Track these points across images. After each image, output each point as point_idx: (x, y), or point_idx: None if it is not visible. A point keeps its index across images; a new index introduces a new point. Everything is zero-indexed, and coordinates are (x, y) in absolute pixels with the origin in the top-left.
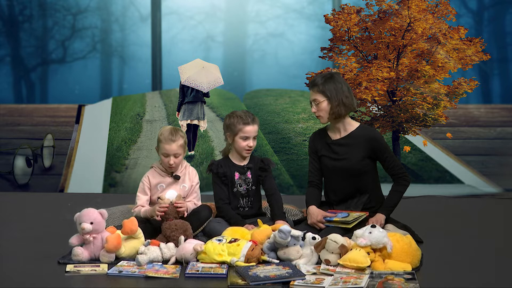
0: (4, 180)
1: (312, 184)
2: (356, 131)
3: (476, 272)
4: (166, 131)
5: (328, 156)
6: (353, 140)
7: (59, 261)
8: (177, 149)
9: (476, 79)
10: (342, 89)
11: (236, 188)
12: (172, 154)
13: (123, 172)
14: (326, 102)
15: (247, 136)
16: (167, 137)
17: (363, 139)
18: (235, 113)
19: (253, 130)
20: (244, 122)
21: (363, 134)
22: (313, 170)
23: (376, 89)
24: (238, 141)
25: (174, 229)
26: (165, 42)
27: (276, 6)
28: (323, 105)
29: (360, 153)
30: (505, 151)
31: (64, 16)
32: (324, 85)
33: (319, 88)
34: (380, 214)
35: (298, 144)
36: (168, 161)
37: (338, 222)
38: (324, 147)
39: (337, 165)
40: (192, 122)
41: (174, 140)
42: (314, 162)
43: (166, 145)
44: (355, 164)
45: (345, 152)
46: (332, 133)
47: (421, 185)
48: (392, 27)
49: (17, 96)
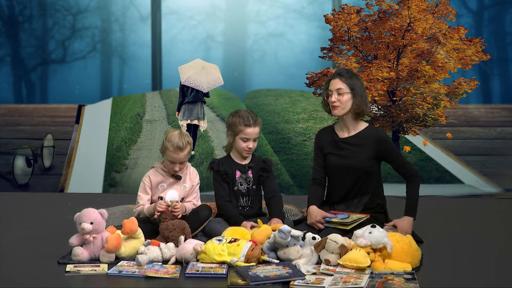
0: (4, 180)
1: (315, 181)
2: (364, 131)
3: (476, 272)
4: (175, 138)
5: (335, 154)
6: (361, 140)
7: (59, 261)
8: (184, 157)
9: (476, 79)
10: (365, 90)
11: (237, 186)
12: (179, 162)
13: (123, 172)
14: (350, 95)
15: (247, 137)
16: (176, 145)
17: (371, 139)
18: (239, 113)
19: (254, 132)
20: (245, 123)
21: (371, 134)
22: (317, 168)
23: (376, 89)
24: (238, 141)
25: (172, 229)
26: (165, 42)
27: (276, 6)
28: (346, 97)
29: (368, 153)
30: (505, 151)
31: (64, 16)
32: (351, 79)
33: (346, 79)
34: (407, 217)
35: (298, 144)
36: (173, 167)
37: (337, 223)
38: (331, 144)
39: (343, 164)
40: (192, 122)
41: (183, 149)
42: (319, 159)
43: (174, 154)
44: (362, 164)
45: (353, 151)
46: (340, 131)
47: (421, 185)
48: (392, 27)
49: (17, 96)
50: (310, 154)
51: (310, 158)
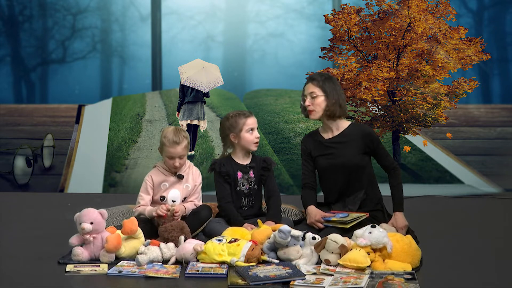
0: (4, 180)
1: (307, 186)
2: (348, 128)
3: (476, 272)
4: (170, 134)
5: (324, 155)
6: (347, 138)
7: (59, 261)
8: (182, 151)
9: (476, 79)
10: (340, 91)
11: (239, 187)
12: (177, 157)
13: (123, 172)
14: (323, 98)
15: (252, 127)
16: (172, 140)
17: (356, 136)
18: (230, 114)
19: (255, 121)
20: (244, 116)
21: (356, 131)
22: (306, 172)
23: (376, 89)
24: (245, 136)
25: (171, 230)
26: (165, 42)
27: (276, 6)
28: (319, 100)
29: (355, 148)
30: (505, 151)
31: (64, 16)
32: (324, 82)
33: (318, 83)
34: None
35: (298, 144)
36: (173, 163)
37: (336, 222)
38: (317, 147)
39: (332, 164)
40: (192, 122)
41: (179, 143)
42: (307, 164)
43: (171, 149)
44: (351, 160)
45: (340, 149)
46: (325, 133)
47: (421, 185)
48: (392, 27)
49: (17, 96)
50: None
51: None
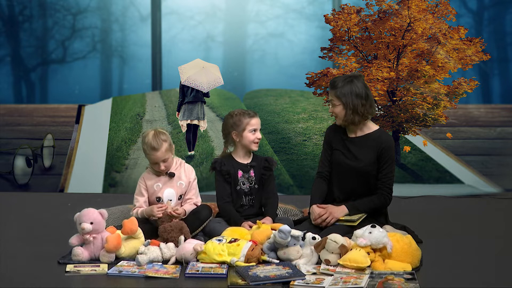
0: (4, 180)
1: (320, 175)
2: (373, 133)
3: (476, 272)
4: (148, 140)
5: (342, 151)
6: (367, 142)
7: (59, 261)
8: (163, 155)
9: (476, 79)
10: (360, 96)
11: (239, 186)
12: (160, 161)
13: (123, 172)
14: (341, 107)
15: (255, 128)
16: (150, 146)
17: (376, 142)
18: (234, 112)
19: (258, 122)
20: (249, 115)
21: (378, 138)
22: (324, 161)
23: (376, 89)
24: (247, 135)
25: (170, 230)
26: (165, 42)
27: (276, 6)
28: (338, 109)
29: (371, 155)
30: (505, 151)
31: (64, 16)
32: (342, 90)
33: (336, 92)
34: (344, 206)
35: (298, 144)
36: (158, 167)
37: (343, 220)
38: (339, 142)
39: (347, 163)
40: (192, 122)
41: (158, 149)
42: (326, 154)
43: (152, 156)
44: (365, 166)
45: (357, 151)
46: (350, 131)
47: (421, 185)
48: (392, 27)
49: (17, 96)
50: (310, 154)
51: (310, 158)
